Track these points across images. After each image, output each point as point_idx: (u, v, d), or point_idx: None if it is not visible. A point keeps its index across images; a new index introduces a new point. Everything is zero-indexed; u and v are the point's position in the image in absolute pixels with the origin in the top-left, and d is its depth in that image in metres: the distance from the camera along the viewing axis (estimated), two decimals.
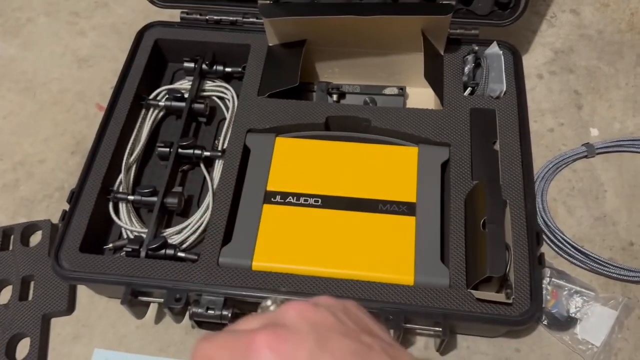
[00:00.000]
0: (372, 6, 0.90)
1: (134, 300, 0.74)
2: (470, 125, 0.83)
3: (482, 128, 0.83)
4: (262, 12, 0.86)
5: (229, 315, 0.70)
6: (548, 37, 1.07)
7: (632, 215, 0.87)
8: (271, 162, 0.82)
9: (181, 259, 0.77)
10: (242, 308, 0.75)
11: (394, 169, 0.81)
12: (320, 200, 0.79)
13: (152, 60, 0.95)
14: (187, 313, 0.72)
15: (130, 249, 0.77)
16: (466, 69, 0.88)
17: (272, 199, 0.79)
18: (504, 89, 0.86)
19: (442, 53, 0.90)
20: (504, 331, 0.76)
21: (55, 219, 0.86)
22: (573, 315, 0.78)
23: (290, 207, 0.79)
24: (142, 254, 0.76)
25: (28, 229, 0.87)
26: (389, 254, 0.74)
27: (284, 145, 0.84)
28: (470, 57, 0.88)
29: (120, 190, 0.84)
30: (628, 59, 1.04)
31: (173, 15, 1.01)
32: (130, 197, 0.83)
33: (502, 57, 0.88)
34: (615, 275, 0.81)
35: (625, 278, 0.81)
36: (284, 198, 0.79)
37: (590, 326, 0.77)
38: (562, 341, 0.77)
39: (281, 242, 0.76)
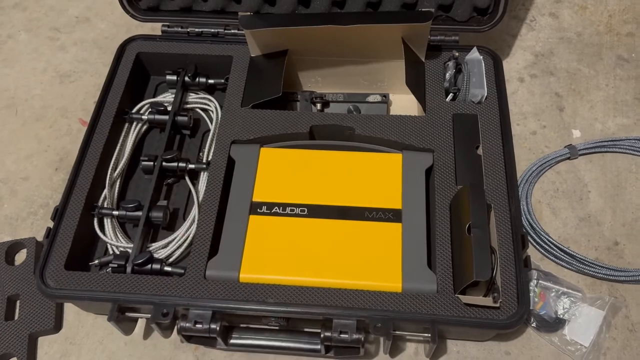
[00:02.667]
0: (352, 16, 0.90)
1: (121, 317, 0.73)
2: (453, 131, 0.84)
3: (465, 133, 0.84)
4: (242, 24, 0.86)
5: (217, 328, 0.70)
6: (528, 41, 1.08)
7: (616, 214, 0.88)
8: (256, 172, 0.82)
9: (168, 274, 0.77)
10: (230, 321, 0.74)
11: (379, 176, 0.81)
12: (306, 210, 0.79)
13: (134, 74, 0.95)
14: (176, 327, 0.71)
15: (116, 265, 0.76)
16: (447, 75, 0.88)
17: (258, 210, 0.79)
18: (485, 94, 0.86)
19: (423, 60, 0.90)
20: (493, 335, 0.77)
21: (40, 237, 0.85)
22: (561, 316, 0.78)
23: (276, 218, 0.79)
24: (128, 269, 0.76)
25: (12, 247, 0.86)
26: (377, 261, 0.74)
27: (268, 156, 0.84)
28: (451, 63, 0.88)
29: (105, 205, 0.84)
30: (607, 60, 1.05)
31: (155, 28, 1.01)
32: (115, 213, 0.82)
33: (483, 62, 0.89)
34: (602, 276, 0.82)
35: (611, 278, 0.82)
36: (270, 208, 0.79)
37: (579, 327, 0.78)
38: (551, 342, 0.78)
39: (268, 253, 0.75)
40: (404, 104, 0.94)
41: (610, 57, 1.05)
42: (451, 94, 0.88)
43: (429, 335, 0.70)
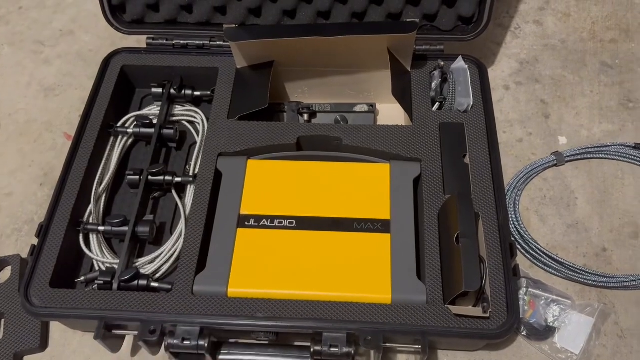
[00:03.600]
0: (337, 27, 0.90)
1: (108, 334, 0.72)
2: (440, 140, 0.84)
3: (452, 142, 0.84)
4: (227, 36, 0.86)
5: (206, 345, 0.69)
6: (513, 49, 1.09)
7: (604, 220, 0.89)
8: (244, 185, 0.82)
9: (155, 289, 0.76)
10: (219, 336, 0.73)
11: (367, 187, 0.81)
12: (294, 222, 0.79)
13: (119, 87, 0.94)
14: (164, 344, 0.70)
15: (102, 282, 0.75)
16: (433, 84, 0.88)
17: (246, 223, 0.79)
18: (471, 103, 0.87)
19: (409, 69, 0.91)
20: (483, 345, 0.76)
21: (25, 254, 0.84)
22: (551, 324, 0.78)
23: (264, 230, 0.78)
24: (115, 286, 0.75)
25: None
26: (366, 272, 0.74)
27: (256, 168, 0.84)
28: (436, 73, 0.89)
29: (91, 221, 0.83)
30: (591, 67, 1.06)
31: (140, 40, 1.01)
32: (101, 228, 0.81)
33: (468, 71, 0.89)
34: (591, 282, 0.82)
35: (600, 284, 0.82)
36: (258, 221, 0.79)
37: (569, 334, 0.78)
38: (542, 351, 0.78)
39: (257, 266, 0.75)
40: (391, 113, 0.95)
41: (595, 64, 1.06)
42: (437, 103, 0.88)
43: (420, 347, 0.69)
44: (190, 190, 0.85)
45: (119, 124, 0.92)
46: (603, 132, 0.98)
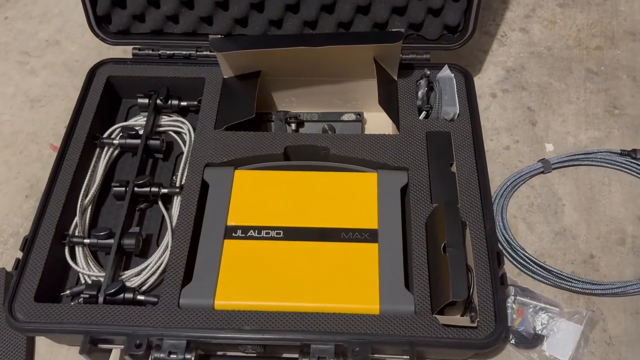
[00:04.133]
0: (324, 36, 0.91)
1: (94, 349, 0.71)
2: (427, 149, 0.84)
3: (439, 151, 0.84)
4: (213, 46, 0.86)
5: (192, 358, 0.68)
6: (499, 56, 1.09)
7: (591, 227, 0.89)
8: (231, 196, 0.81)
9: (141, 303, 0.75)
10: (206, 349, 0.73)
11: (355, 196, 0.81)
12: (282, 233, 0.78)
13: (105, 97, 0.93)
14: (150, 358, 0.70)
15: (87, 295, 0.74)
16: (420, 93, 0.89)
17: (233, 234, 0.78)
18: (457, 111, 0.87)
19: (395, 78, 0.91)
20: (472, 354, 0.76)
21: (10, 267, 0.83)
22: (539, 332, 0.78)
23: (251, 242, 0.78)
24: (100, 299, 0.74)
25: None
26: (354, 283, 0.74)
27: (243, 178, 0.83)
28: (423, 82, 0.89)
29: (76, 233, 0.82)
30: (577, 74, 1.07)
31: (127, 51, 1.00)
32: (87, 241, 0.80)
33: (454, 80, 0.90)
34: (578, 289, 0.82)
35: (588, 291, 0.82)
36: (245, 232, 0.78)
37: (557, 342, 0.78)
38: (531, 359, 0.78)
39: (244, 278, 0.74)
40: (379, 122, 0.95)
41: (580, 71, 1.07)
42: (424, 112, 0.88)
43: (408, 357, 0.69)
44: (176, 202, 0.85)
45: (105, 135, 0.91)
46: (589, 139, 0.98)
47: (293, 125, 0.93)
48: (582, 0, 1.17)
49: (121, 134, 0.90)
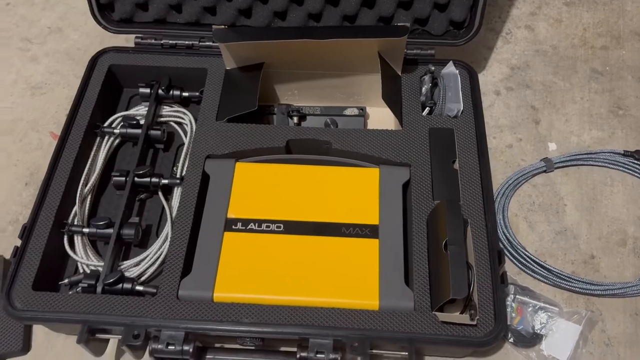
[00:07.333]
0: (328, 30, 0.90)
1: (91, 338, 0.71)
2: (430, 145, 0.84)
3: (441, 147, 0.84)
4: (216, 37, 0.85)
5: (190, 350, 0.68)
6: (504, 54, 1.09)
7: (592, 228, 0.89)
8: (231, 188, 0.81)
9: (139, 293, 0.75)
10: (204, 341, 0.73)
11: (356, 191, 0.81)
12: (282, 226, 0.78)
13: (106, 86, 0.93)
14: (148, 348, 0.70)
15: (86, 285, 0.74)
16: (424, 89, 0.88)
17: (233, 227, 0.78)
18: (461, 108, 0.86)
19: (399, 74, 0.90)
20: (470, 352, 0.76)
21: (9, 254, 0.82)
22: (538, 331, 0.78)
23: (251, 234, 0.77)
24: (99, 289, 0.74)
25: None
26: (354, 278, 0.73)
27: (244, 171, 0.83)
28: (427, 77, 0.88)
29: (75, 222, 0.82)
30: (582, 74, 1.06)
31: (130, 39, 0.99)
32: (86, 230, 0.80)
33: (459, 77, 0.89)
34: (578, 289, 0.82)
35: (587, 292, 0.82)
36: (245, 225, 0.78)
37: (556, 342, 0.78)
38: (529, 358, 0.77)
39: (243, 271, 0.74)
40: (381, 117, 0.94)
41: (585, 70, 1.06)
42: (427, 108, 0.88)
43: (407, 353, 0.69)
44: (177, 193, 0.84)
45: (106, 124, 0.91)
46: (593, 139, 0.98)
47: (295, 119, 0.92)
48: None
49: (122, 123, 0.90)
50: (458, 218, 0.72)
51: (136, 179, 0.84)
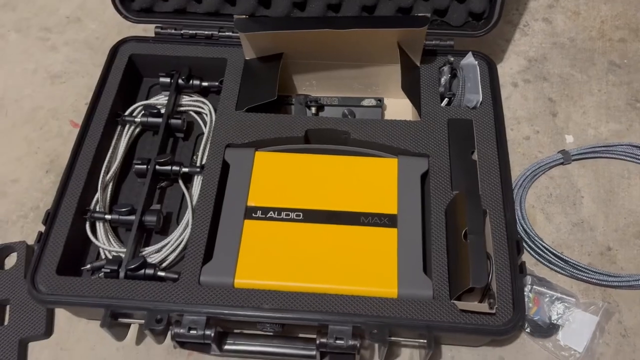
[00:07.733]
0: (348, 20, 0.90)
1: (114, 322, 0.72)
2: (448, 136, 0.84)
3: (460, 138, 0.84)
4: (237, 27, 0.85)
5: (212, 334, 0.69)
6: (522, 46, 1.09)
7: (609, 220, 0.89)
8: (251, 177, 0.82)
9: (161, 279, 0.76)
10: (224, 326, 0.74)
11: (375, 181, 0.81)
12: (301, 215, 0.79)
13: (126, 76, 0.94)
14: (169, 333, 0.71)
15: (108, 270, 0.75)
16: (442, 80, 0.88)
17: (253, 215, 0.79)
18: (480, 99, 0.86)
19: (418, 64, 0.90)
20: (488, 340, 0.77)
21: (31, 240, 0.84)
22: (555, 322, 0.79)
23: (271, 222, 0.78)
24: (121, 274, 0.75)
25: (2, 251, 0.85)
26: (372, 266, 0.74)
27: (263, 160, 0.83)
28: (446, 68, 0.88)
29: (97, 209, 0.83)
30: (600, 66, 1.06)
31: (147, 29, 1.00)
32: (108, 217, 0.81)
33: (478, 68, 0.89)
34: (595, 281, 0.82)
35: (604, 283, 0.82)
36: (265, 213, 0.79)
37: (572, 332, 0.78)
38: (545, 348, 0.78)
39: (263, 258, 0.75)
40: (398, 108, 0.94)
41: (603, 63, 1.06)
42: (446, 99, 0.88)
43: (425, 341, 0.69)
44: (197, 181, 0.85)
45: (127, 113, 0.92)
46: (610, 132, 0.98)
47: (313, 109, 0.93)
48: None
49: (143, 112, 0.91)
50: (478, 208, 0.72)
51: (157, 167, 0.85)
